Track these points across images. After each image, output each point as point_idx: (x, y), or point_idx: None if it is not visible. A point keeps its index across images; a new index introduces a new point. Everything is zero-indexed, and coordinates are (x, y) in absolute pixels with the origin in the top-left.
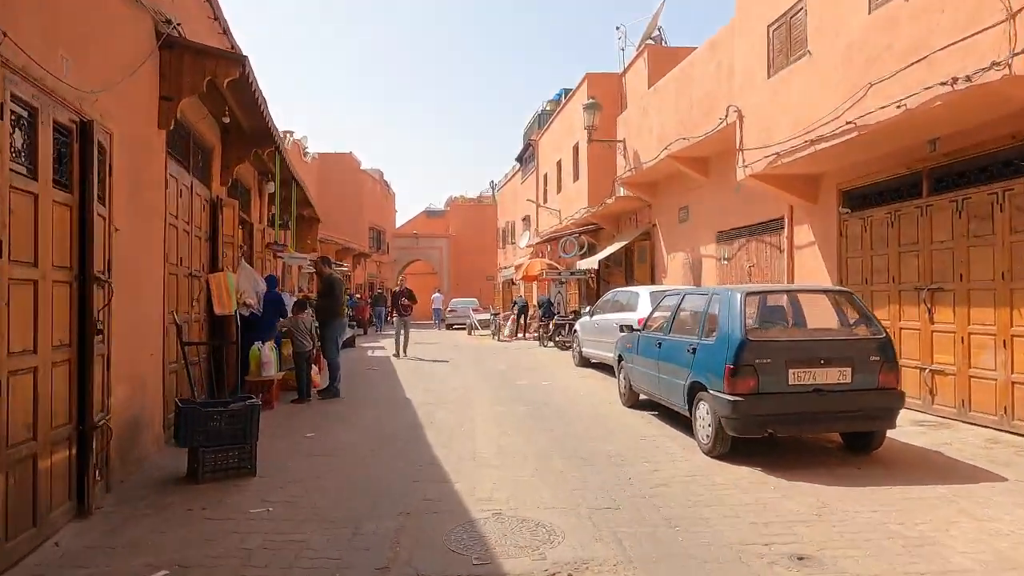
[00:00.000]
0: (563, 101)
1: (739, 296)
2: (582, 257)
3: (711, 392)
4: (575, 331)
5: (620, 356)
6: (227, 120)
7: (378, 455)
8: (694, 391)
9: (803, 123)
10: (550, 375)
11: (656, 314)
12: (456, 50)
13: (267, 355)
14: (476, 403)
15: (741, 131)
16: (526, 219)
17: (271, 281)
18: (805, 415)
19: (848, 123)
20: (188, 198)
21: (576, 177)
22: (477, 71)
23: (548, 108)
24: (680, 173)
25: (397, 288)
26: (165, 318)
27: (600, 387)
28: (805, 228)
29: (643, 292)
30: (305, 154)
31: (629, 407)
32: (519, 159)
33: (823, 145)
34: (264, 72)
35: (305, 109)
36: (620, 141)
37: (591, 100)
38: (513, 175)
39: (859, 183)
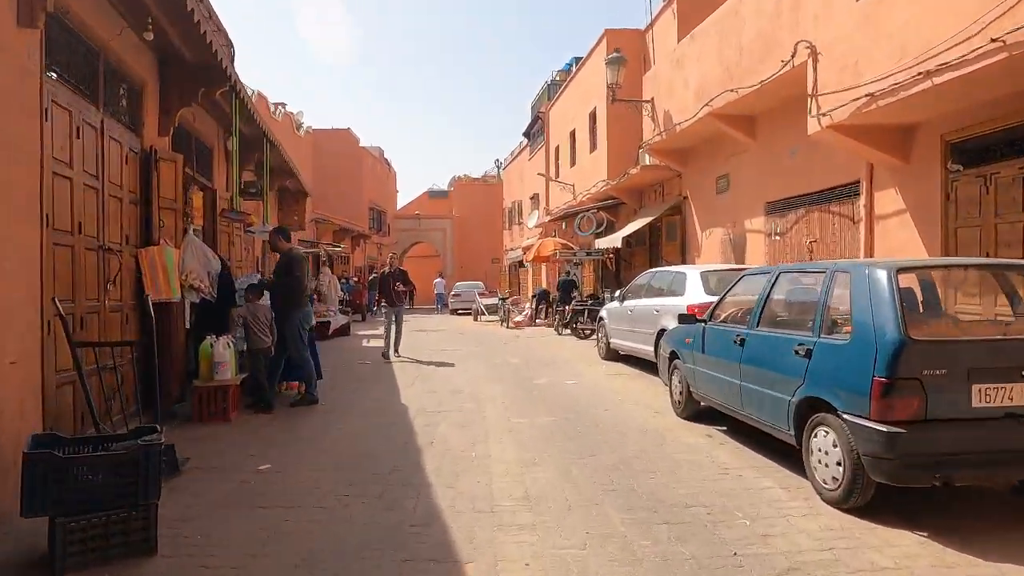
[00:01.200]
0: (576, 67)
1: (885, 274)
2: (600, 235)
3: (844, 416)
4: (601, 319)
5: (673, 353)
6: (150, 37)
7: (353, 506)
8: (808, 411)
9: (912, 50)
10: (573, 371)
11: (729, 299)
12: (460, 26)
13: (221, 352)
14: (488, 411)
15: (815, 72)
16: (534, 198)
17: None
18: (998, 454)
19: (995, 41)
20: (95, 142)
21: (593, 147)
22: (482, 47)
23: (558, 78)
24: (719, 136)
25: (387, 269)
26: (45, 308)
27: (639, 388)
28: (891, 193)
29: (691, 273)
30: (298, 127)
31: (686, 419)
32: (526, 134)
33: (948, 76)
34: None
35: (305, 93)
36: (647, 101)
37: (615, 53)
38: (520, 151)
39: (977, 131)
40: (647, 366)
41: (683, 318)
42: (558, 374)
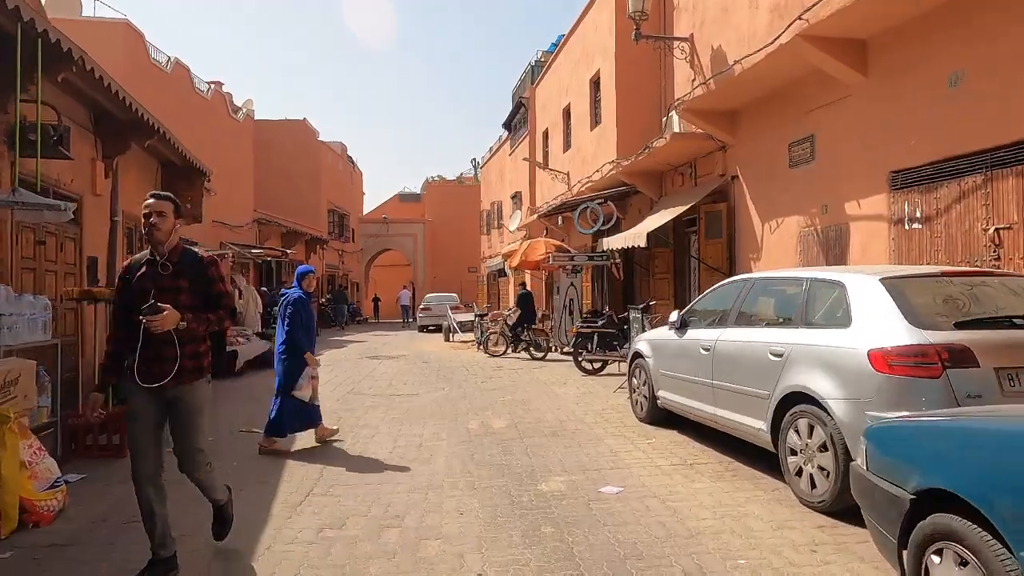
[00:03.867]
0: (568, 33)
1: None
2: (604, 233)
3: None
4: (638, 356)
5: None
6: None
7: None
8: None
9: None
10: (604, 455)
11: None
12: (432, 18)
13: None
14: None
15: None
16: (516, 196)
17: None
18: None
19: None
20: None
21: (595, 123)
22: (456, 42)
23: (542, 59)
24: (800, 81)
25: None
26: None
27: (759, 512)
28: None
29: (864, 284)
30: (235, 110)
31: None
32: (507, 125)
33: None
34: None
35: (263, 92)
36: (684, 39)
37: None
38: (499, 147)
39: None
40: (734, 444)
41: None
42: (579, 466)
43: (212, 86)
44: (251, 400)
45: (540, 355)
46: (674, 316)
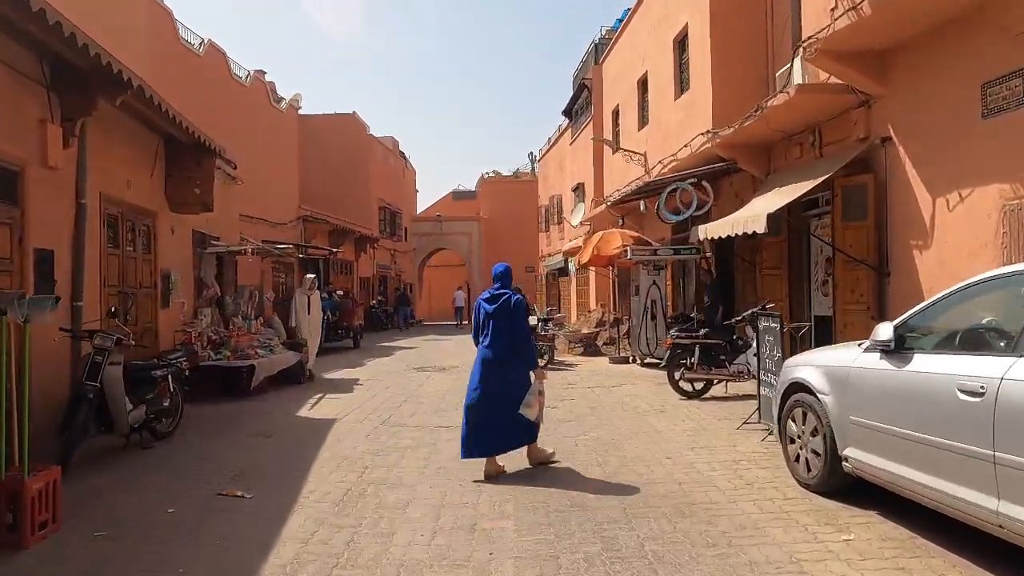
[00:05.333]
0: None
1: None
2: (696, 221)
3: None
4: (808, 392)
5: None
6: None
7: None
8: None
9: None
10: (777, 562)
11: None
12: (483, 19)
13: None
14: None
15: None
16: (578, 188)
17: None
18: None
19: None
20: None
21: (681, 90)
22: (508, 25)
23: (607, 37)
24: None
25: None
26: None
27: None
28: None
29: None
30: (278, 100)
31: None
32: (567, 112)
33: None
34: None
35: (319, 93)
36: None
37: None
38: (559, 137)
39: None
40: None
41: None
42: None
43: (252, 73)
44: (255, 437)
45: (541, 364)
46: (885, 331)
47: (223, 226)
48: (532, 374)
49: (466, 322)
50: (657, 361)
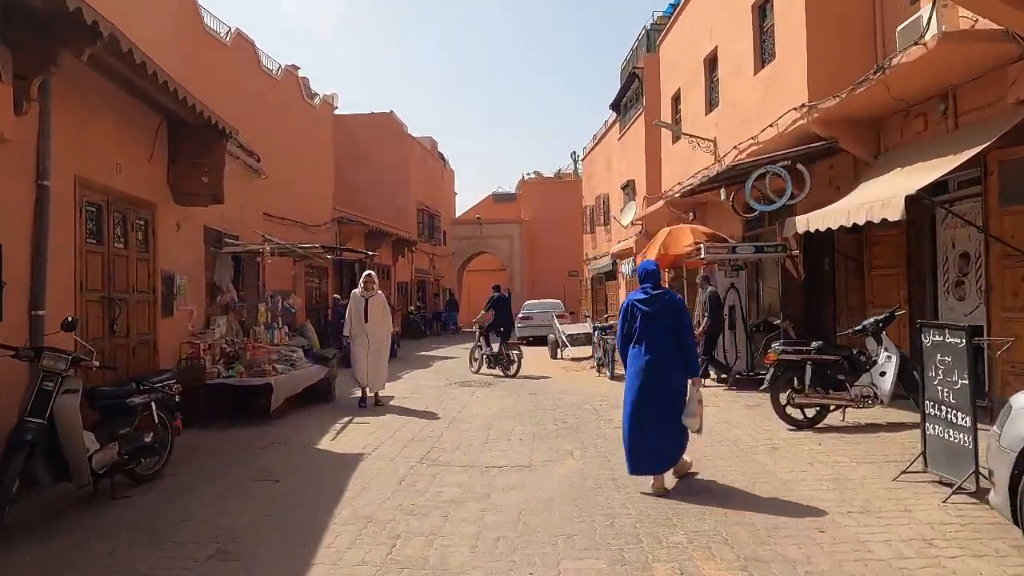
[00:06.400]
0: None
1: None
2: (783, 213)
3: None
4: None
5: None
6: None
7: None
8: None
9: None
10: None
11: None
12: (521, 13)
13: None
14: None
15: None
16: (628, 185)
17: None
18: None
19: None
20: None
21: (763, 60)
22: (549, 29)
23: (659, 23)
24: None
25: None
26: None
27: None
28: None
29: None
30: (311, 96)
31: None
32: (615, 106)
33: None
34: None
35: (354, 92)
36: None
37: None
38: (605, 132)
39: None
40: None
41: None
42: None
43: (283, 67)
44: (260, 482)
45: (511, 373)
46: None
47: (244, 224)
48: (690, 381)
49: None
50: (735, 377)
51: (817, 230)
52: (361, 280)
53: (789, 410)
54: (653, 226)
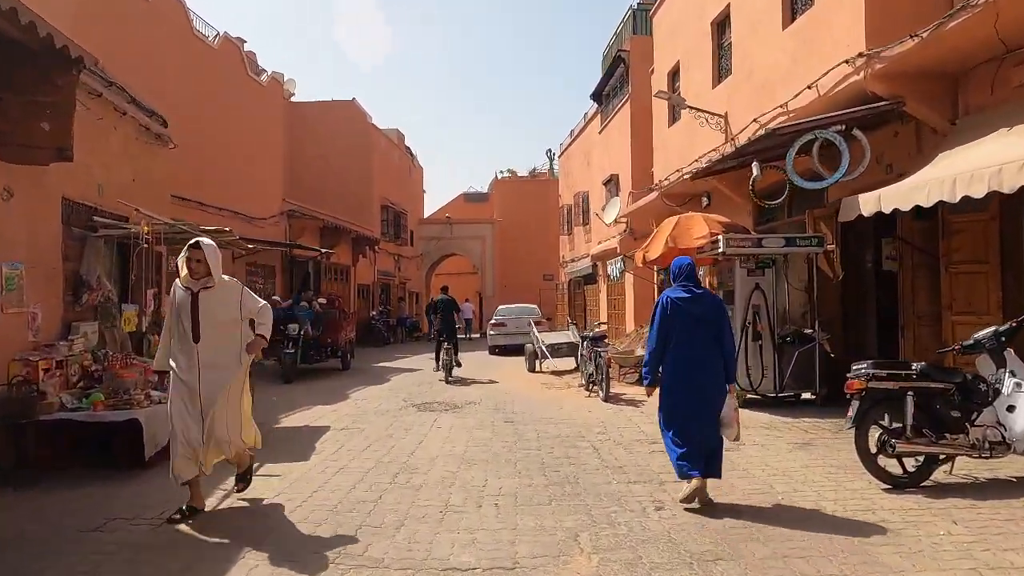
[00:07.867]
0: None
1: None
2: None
3: None
4: None
5: None
6: None
7: None
8: None
9: None
10: None
11: None
12: (495, 10)
13: None
14: None
15: None
16: (611, 181)
17: None
18: None
19: None
20: None
21: (795, 10)
22: (523, 25)
23: (646, 2)
24: None
25: None
26: None
27: None
28: None
29: None
30: (259, 72)
31: None
32: (596, 96)
33: None
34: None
35: (316, 83)
36: None
37: None
38: (585, 126)
39: None
40: None
41: None
42: None
43: (222, 34)
44: None
45: (452, 380)
46: None
47: (139, 204)
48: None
49: (476, 335)
50: (763, 397)
51: (880, 213)
52: (180, 259)
53: (882, 461)
54: (640, 223)
